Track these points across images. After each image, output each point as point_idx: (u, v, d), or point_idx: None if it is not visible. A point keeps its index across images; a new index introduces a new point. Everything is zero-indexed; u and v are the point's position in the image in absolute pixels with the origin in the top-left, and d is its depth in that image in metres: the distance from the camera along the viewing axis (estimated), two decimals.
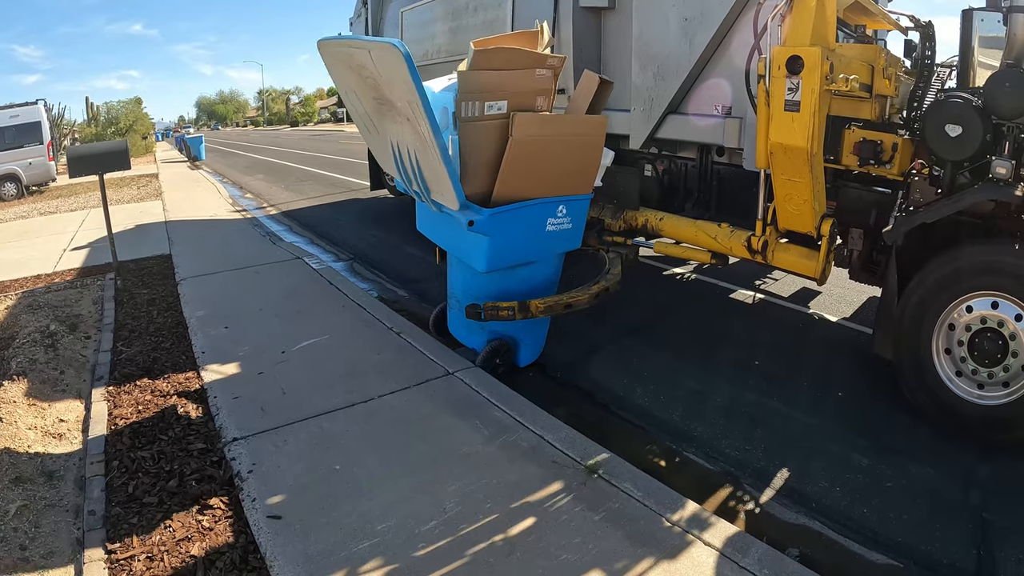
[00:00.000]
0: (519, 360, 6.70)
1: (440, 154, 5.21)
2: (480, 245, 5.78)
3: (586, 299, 6.33)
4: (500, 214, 5.69)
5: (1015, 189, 5.35)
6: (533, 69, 5.91)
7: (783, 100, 5.64)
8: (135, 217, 15.57)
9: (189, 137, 39.42)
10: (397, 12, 13.01)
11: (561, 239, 6.35)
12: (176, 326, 7.65)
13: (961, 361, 5.53)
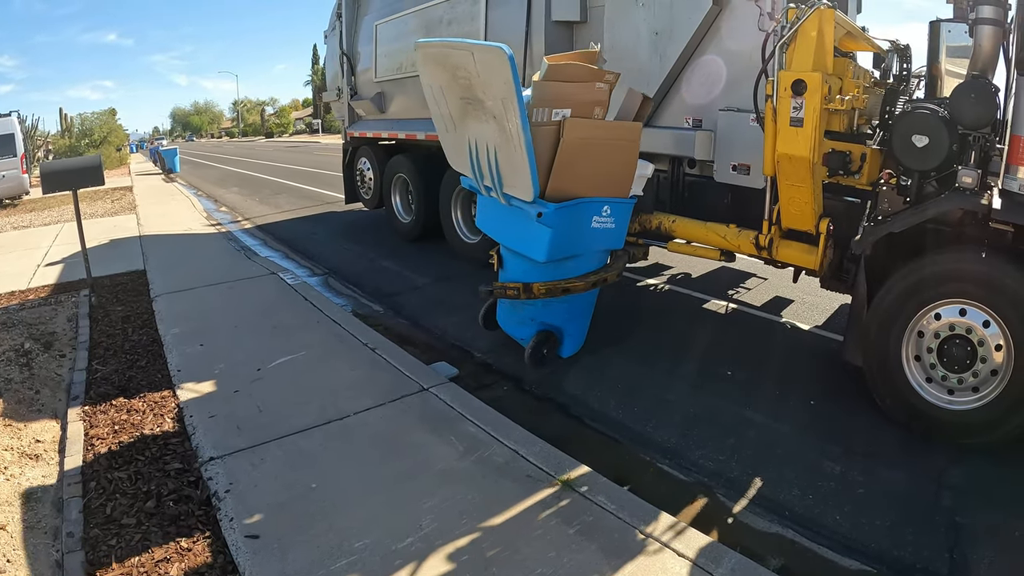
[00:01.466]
0: (563, 351, 7.20)
1: (526, 149, 5.85)
2: (543, 237, 6.29)
3: (583, 285, 6.68)
4: (562, 208, 6.23)
5: (981, 198, 5.45)
6: (593, 82, 6.53)
7: (789, 117, 5.99)
8: (109, 232, 15.46)
9: (163, 149, 39.19)
10: (371, 25, 13.06)
11: (604, 236, 6.79)
12: (151, 343, 7.59)
13: (931, 368, 5.62)
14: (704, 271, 10.60)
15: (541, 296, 6.60)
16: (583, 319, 7.33)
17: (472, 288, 9.40)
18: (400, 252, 12.30)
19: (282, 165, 36.20)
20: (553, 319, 7.02)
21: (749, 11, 6.99)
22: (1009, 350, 5.24)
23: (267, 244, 13.68)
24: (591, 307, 7.40)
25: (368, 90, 13.57)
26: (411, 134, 12.04)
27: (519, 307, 7.09)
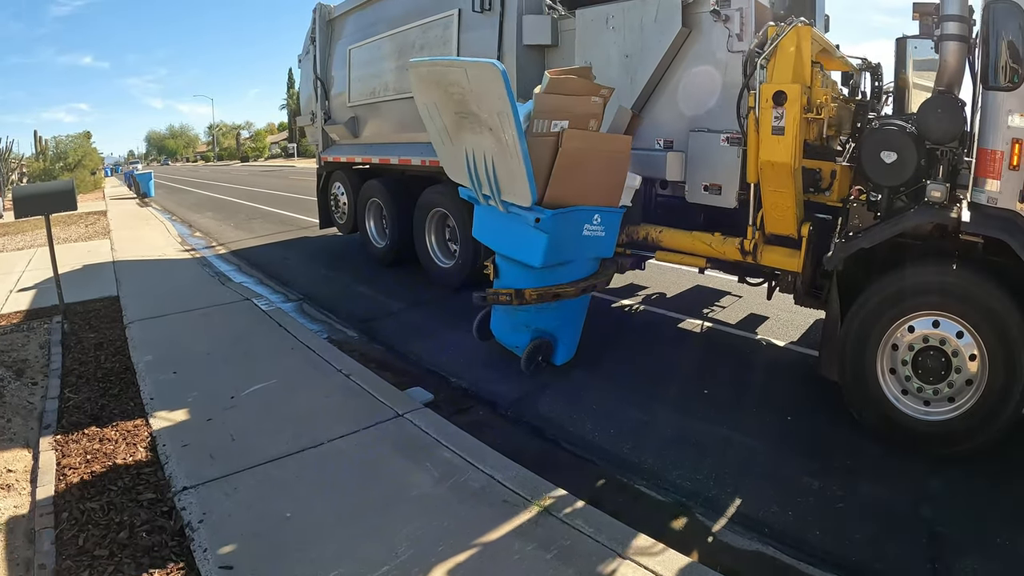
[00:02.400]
0: (556, 358, 7.43)
1: (522, 157, 6.20)
2: (539, 242, 6.62)
3: (573, 291, 6.94)
4: (558, 215, 6.56)
5: (950, 211, 5.55)
6: (590, 96, 6.96)
7: (771, 126, 6.23)
8: (83, 257, 15.28)
9: (138, 173, 39.00)
10: (345, 50, 13.13)
11: (595, 244, 7.09)
12: (124, 371, 7.51)
13: (906, 380, 5.71)
14: (679, 290, 10.67)
15: (533, 302, 6.79)
16: (575, 325, 7.52)
17: (447, 313, 9.43)
18: (375, 277, 12.30)
19: (257, 190, 36.10)
20: (546, 324, 7.24)
21: (718, 33, 7.11)
22: (983, 359, 5.34)
23: (241, 270, 13.61)
24: (583, 314, 7.58)
25: (342, 114, 13.61)
26: (385, 159, 12.07)
27: (513, 314, 7.24)
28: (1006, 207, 5.28)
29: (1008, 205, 5.26)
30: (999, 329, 5.26)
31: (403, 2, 11.37)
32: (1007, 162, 5.24)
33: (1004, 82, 5.28)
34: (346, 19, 13.51)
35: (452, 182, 9.72)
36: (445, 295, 10.67)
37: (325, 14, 14.06)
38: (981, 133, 5.42)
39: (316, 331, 8.97)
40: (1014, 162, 5.21)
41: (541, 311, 7.09)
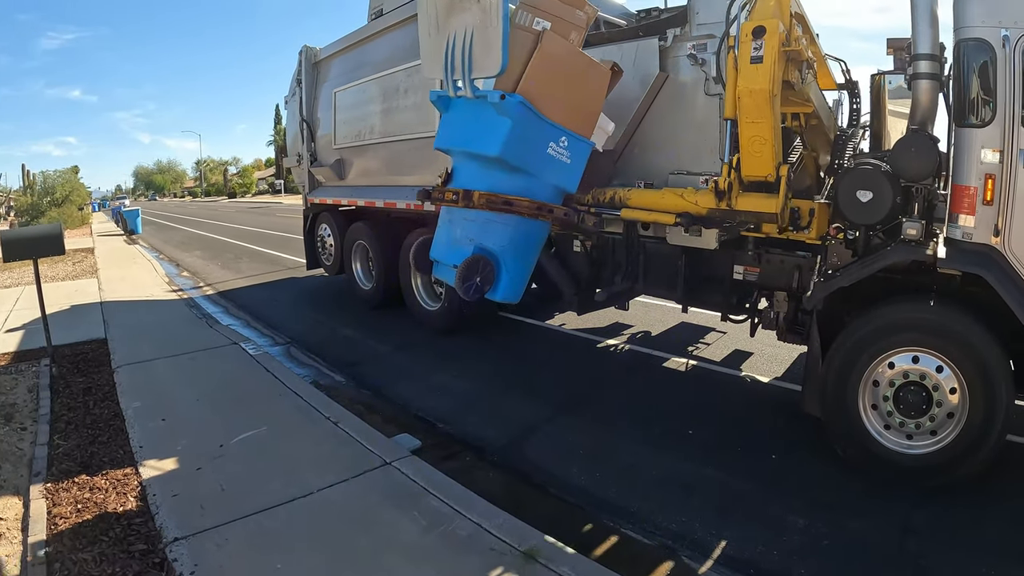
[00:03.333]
0: (497, 290, 6.96)
1: (502, 20, 6.16)
2: (501, 128, 6.49)
3: (527, 205, 6.80)
4: (524, 105, 6.47)
5: (926, 248, 5.69)
6: (575, 9, 7.02)
7: (749, 57, 6.17)
8: (70, 296, 15.27)
9: (126, 210, 38.82)
10: (330, 92, 13.24)
11: (558, 169, 6.90)
12: (113, 418, 7.51)
13: (888, 415, 5.83)
14: (664, 328, 10.77)
15: (481, 207, 6.63)
16: (523, 261, 7.24)
17: (433, 355, 9.49)
18: (362, 319, 12.33)
19: (244, 228, 36.04)
20: (492, 244, 6.90)
21: (695, 76, 7.25)
22: (963, 392, 5.47)
23: (229, 312, 13.60)
24: (533, 253, 7.38)
25: (328, 156, 13.70)
26: (370, 201, 12.14)
27: (457, 225, 7.05)
28: (981, 242, 5.43)
29: (983, 240, 5.41)
30: (978, 362, 5.40)
31: (388, 46, 11.50)
32: (981, 197, 5.39)
33: (976, 119, 5.45)
34: (331, 62, 13.65)
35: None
36: (432, 337, 10.73)
37: (311, 56, 14.18)
38: (955, 170, 5.59)
39: (304, 376, 9.00)
40: (988, 197, 5.36)
41: (488, 227, 6.88)
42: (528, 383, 8.50)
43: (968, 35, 5.46)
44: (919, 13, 6.20)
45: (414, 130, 10.63)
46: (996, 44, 5.30)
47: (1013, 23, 5.26)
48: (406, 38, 10.82)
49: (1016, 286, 5.26)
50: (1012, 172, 5.27)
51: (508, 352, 9.89)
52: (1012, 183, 5.28)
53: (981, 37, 5.38)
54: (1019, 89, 5.25)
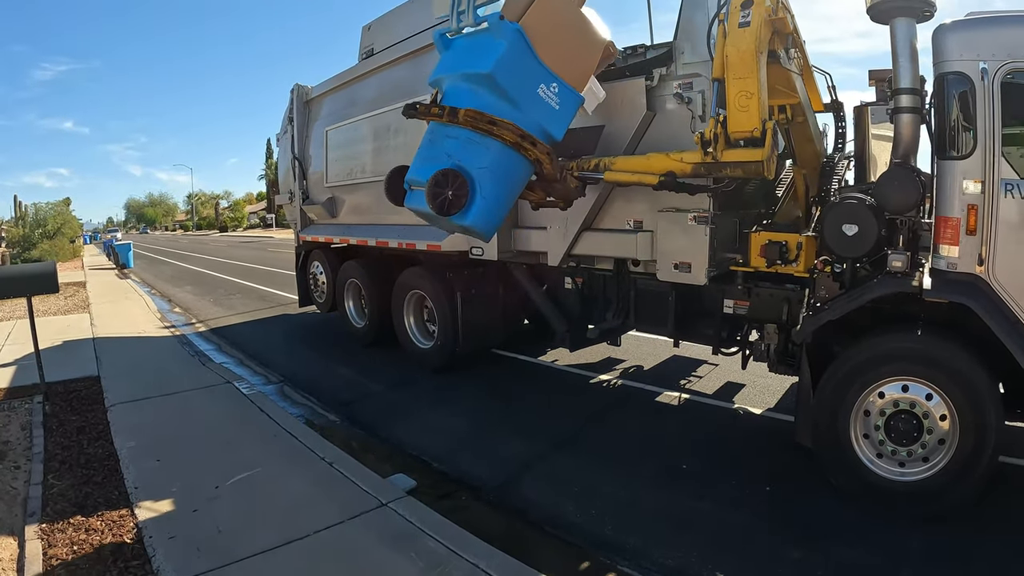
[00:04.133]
0: (468, 213, 6.58)
1: None
2: (496, 49, 6.49)
3: (511, 129, 6.59)
4: (520, 34, 6.51)
5: (912, 279, 5.81)
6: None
7: (737, 23, 6.22)
8: (62, 331, 15.22)
9: (118, 244, 38.58)
10: (322, 131, 13.38)
11: (546, 112, 6.80)
12: (107, 458, 7.49)
13: (880, 444, 5.92)
14: (656, 362, 10.84)
15: (466, 123, 6.51)
16: (499, 191, 6.94)
17: (427, 394, 9.52)
18: (355, 357, 12.34)
19: (236, 263, 35.97)
20: (470, 164, 6.62)
21: (682, 115, 7.37)
22: (953, 418, 5.58)
23: (222, 349, 13.61)
24: (510, 188, 7.13)
25: (320, 194, 13.81)
26: (362, 240, 12.23)
27: (437, 144, 6.86)
28: (966, 271, 5.57)
29: (968, 269, 5.56)
30: (966, 388, 5.52)
31: (378, 85, 11.68)
32: (964, 228, 5.53)
33: (957, 151, 5.61)
34: (323, 100, 13.81)
35: (430, 264, 9.96)
36: (425, 376, 10.74)
37: (302, 95, 14.35)
38: (938, 201, 5.74)
39: (298, 415, 9.00)
40: (971, 227, 5.50)
41: (469, 147, 6.62)
42: (522, 420, 8.55)
43: (947, 68, 5.65)
44: (899, 48, 6.38)
45: None
46: (975, 77, 5.48)
47: (991, 55, 5.44)
48: (397, 77, 10.99)
49: (1001, 313, 5.40)
50: (994, 202, 5.43)
51: (502, 389, 9.92)
52: (994, 212, 5.43)
53: (960, 70, 5.57)
54: (999, 120, 5.42)
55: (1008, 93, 5.43)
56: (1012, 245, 5.43)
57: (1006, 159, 5.44)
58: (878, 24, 6.59)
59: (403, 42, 10.87)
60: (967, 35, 5.64)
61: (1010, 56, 5.41)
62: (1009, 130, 5.47)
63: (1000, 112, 5.43)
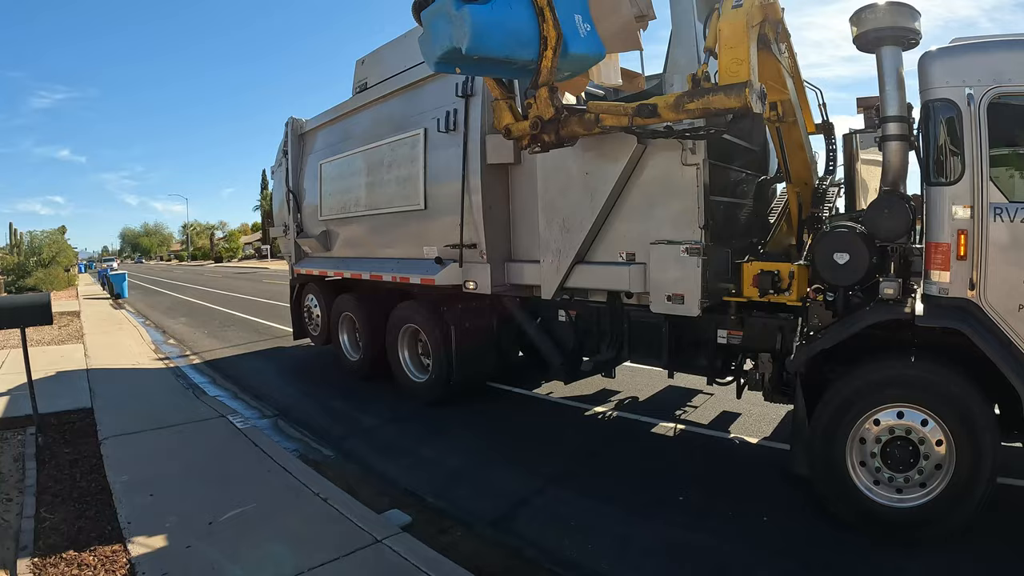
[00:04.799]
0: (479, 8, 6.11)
1: None
2: None
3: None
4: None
5: (904, 305, 5.88)
6: None
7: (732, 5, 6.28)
8: (56, 362, 15.16)
9: (113, 273, 38.42)
10: (316, 164, 13.48)
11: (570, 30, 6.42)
12: (100, 491, 7.45)
13: (877, 471, 5.94)
14: (651, 392, 10.87)
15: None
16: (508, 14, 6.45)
17: (422, 428, 9.52)
18: (349, 391, 12.29)
19: (230, 294, 35.94)
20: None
21: (672, 148, 7.42)
22: (950, 443, 5.61)
23: (216, 382, 13.55)
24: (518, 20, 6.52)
25: (314, 228, 13.87)
26: (356, 273, 12.29)
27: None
28: (958, 296, 5.62)
29: (959, 294, 5.61)
30: (961, 413, 5.55)
31: (371, 119, 11.78)
32: (954, 253, 5.60)
33: (945, 177, 5.69)
34: (317, 134, 13.92)
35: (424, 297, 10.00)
36: (419, 410, 10.71)
37: (297, 128, 14.45)
38: (928, 227, 5.81)
39: (292, 450, 8.94)
40: (961, 253, 5.56)
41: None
42: (517, 454, 8.52)
43: (934, 95, 5.75)
44: (886, 76, 6.51)
45: (399, 203, 10.85)
46: (961, 102, 5.58)
47: (976, 81, 5.54)
48: (391, 111, 11.09)
49: (995, 336, 5.45)
50: (983, 226, 5.50)
51: (497, 423, 9.91)
52: (984, 237, 5.50)
53: (947, 96, 5.67)
54: (986, 144, 5.52)
55: (994, 117, 5.54)
56: (1003, 268, 5.50)
57: (994, 183, 5.52)
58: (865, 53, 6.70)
59: (396, 76, 10.99)
60: (952, 62, 5.75)
61: (995, 80, 5.53)
62: (996, 154, 5.58)
63: (987, 136, 5.53)
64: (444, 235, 9.93)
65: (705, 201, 7.24)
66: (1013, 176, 5.66)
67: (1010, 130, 5.61)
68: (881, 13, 6.50)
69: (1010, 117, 5.56)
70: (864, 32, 6.61)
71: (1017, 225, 5.43)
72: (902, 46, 6.60)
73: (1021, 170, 5.68)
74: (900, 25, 6.49)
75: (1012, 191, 5.53)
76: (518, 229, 9.51)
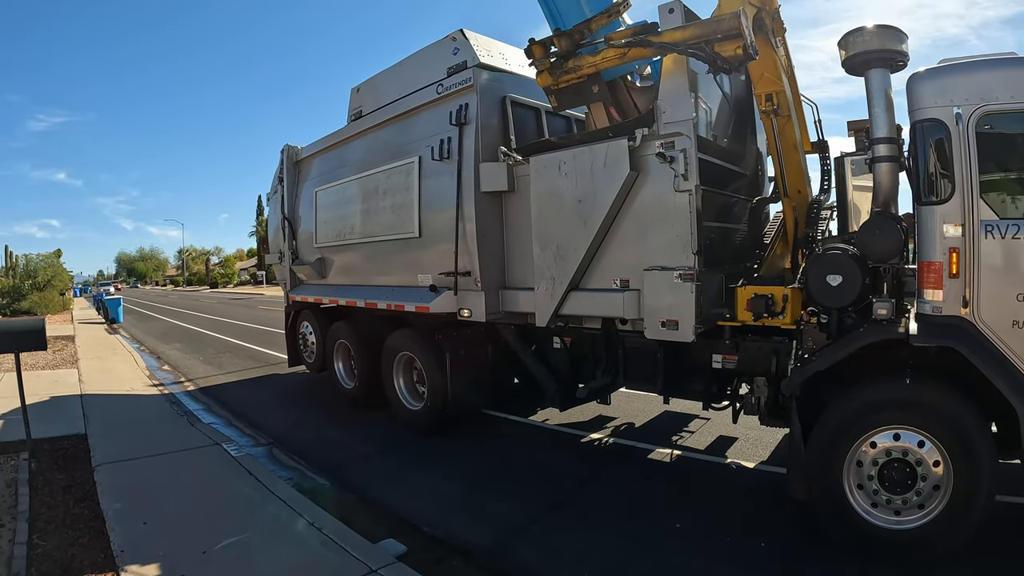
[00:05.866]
0: None
1: None
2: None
3: None
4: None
5: (898, 326, 5.90)
6: None
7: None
8: (50, 387, 15.12)
9: (108, 298, 38.26)
10: (312, 192, 13.53)
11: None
12: (93, 518, 7.41)
13: (875, 493, 5.94)
14: (647, 418, 10.87)
15: None
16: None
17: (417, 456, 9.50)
18: (344, 419, 12.24)
19: (226, 320, 35.88)
20: None
21: (665, 174, 7.48)
22: (947, 463, 5.61)
23: (210, 409, 13.48)
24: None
25: (309, 255, 13.90)
26: (351, 301, 12.30)
27: None
28: (951, 314, 5.65)
29: (953, 312, 5.64)
30: (958, 433, 5.57)
31: (366, 147, 11.86)
32: (947, 271, 5.63)
33: (935, 196, 5.75)
34: (312, 161, 13.99)
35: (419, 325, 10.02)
36: (416, 437, 10.68)
37: (292, 155, 14.53)
38: (920, 247, 5.84)
39: (287, 478, 8.89)
40: (953, 271, 5.60)
41: None
42: (514, 482, 8.49)
43: (923, 116, 5.82)
44: (875, 98, 6.60)
45: (394, 231, 10.88)
46: (950, 122, 5.64)
47: (964, 100, 5.61)
48: (385, 139, 11.17)
49: (990, 354, 5.47)
50: (975, 244, 5.53)
51: (493, 451, 9.88)
52: (976, 254, 5.53)
53: (935, 117, 5.73)
54: (975, 163, 5.57)
55: (983, 135, 5.60)
56: (995, 285, 5.53)
57: (984, 201, 5.57)
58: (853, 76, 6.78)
59: (391, 104, 11.07)
60: (940, 82, 5.81)
61: (982, 99, 5.59)
62: (986, 172, 5.63)
63: (976, 155, 5.59)
64: (439, 263, 9.93)
65: (698, 227, 7.26)
66: (1003, 193, 5.70)
67: (999, 147, 5.68)
68: (869, 36, 6.61)
69: (998, 134, 5.64)
70: (852, 55, 6.72)
71: (1009, 241, 5.47)
72: (890, 68, 6.70)
73: (1011, 187, 5.74)
74: (888, 48, 6.60)
75: (1003, 208, 5.58)
76: (512, 256, 9.54)
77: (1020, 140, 5.68)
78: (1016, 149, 5.74)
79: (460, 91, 9.52)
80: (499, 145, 9.35)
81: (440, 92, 9.85)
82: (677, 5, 7.34)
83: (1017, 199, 5.64)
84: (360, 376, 12.60)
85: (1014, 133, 5.66)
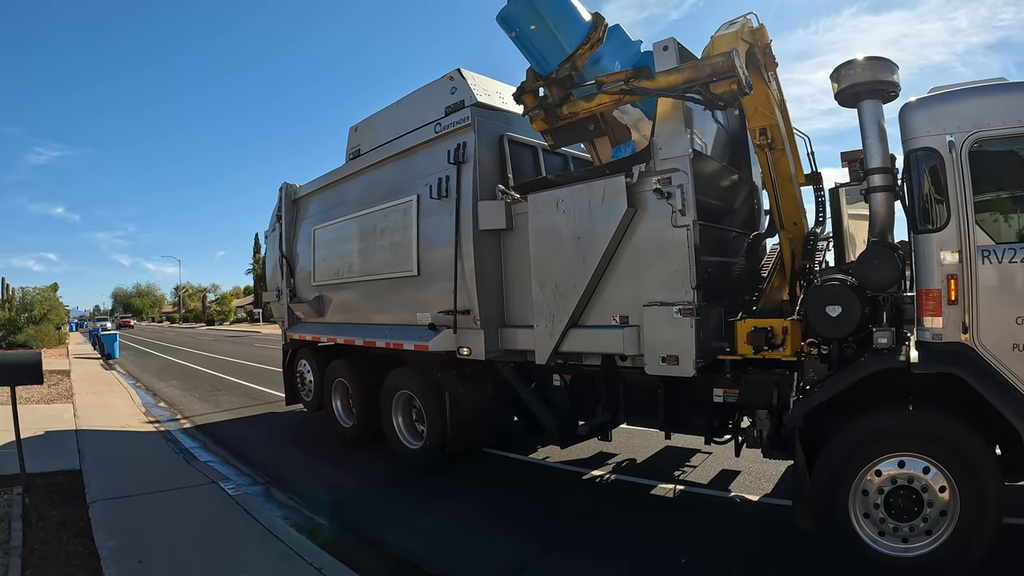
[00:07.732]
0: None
1: None
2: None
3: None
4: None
5: (899, 354, 5.92)
6: None
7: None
8: (45, 421, 15.07)
9: (104, 334, 38.22)
10: (310, 230, 13.58)
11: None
12: (88, 556, 7.32)
13: (881, 522, 5.91)
14: (648, 454, 10.83)
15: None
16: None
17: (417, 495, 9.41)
18: (342, 457, 12.16)
19: (222, 358, 35.78)
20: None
21: (663, 210, 7.53)
22: (953, 489, 5.59)
23: (207, 447, 13.36)
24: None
25: (307, 293, 13.91)
26: (350, 339, 12.27)
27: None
28: (952, 340, 5.66)
29: (953, 338, 5.66)
30: (963, 458, 5.55)
31: (364, 186, 11.93)
32: (945, 298, 5.66)
33: (932, 224, 5.79)
34: (310, 199, 14.05)
35: (417, 364, 9.97)
36: (415, 476, 10.59)
37: (291, 193, 14.61)
38: (917, 274, 5.89)
39: (284, 518, 8.80)
40: (952, 297, 5.63)
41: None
42: (514, 520, 8.42)
43: (916, 145, 5.89)
44: (868, 129, 6.73)
45: (392, 269, 10.90)
46: (943, 150, 5.71)
47: (956, 128, 5.69)
48: (383, 178, 11.24)
49: (991, 378, 5.48)
50: (972, 269, 5.58)
51: (493, 488, 9.81)
52: (974, 280, 5.57)
53: (928, 145, 5.81)
54: (969, 189, 5.63)
55: (976, 162, 5.67)
56: (994, 310, 5.56)
57: (980, 226, 5.62)
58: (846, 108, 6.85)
59: (389, 143, 11.15)
60: (932, 111, 5.90)
61: (974, 126, 5.67)
62: (980, 197, 5.69)
63: (970, 181, 5.66)
64: (437, 301, 9.93)
65: (697, 261, 7.29)
66: (998, 218, 5.76)
67: (992, 172, 5.75)
68: (860, 69, 6.75)
69: (991, 160, 5.71)
70: (845, 88, 6.86)
71: (1005, 266, 5.52)
72: (882, 99, 6.84)
73: (1006, 212, 5.79)
74: (879, 79, 6.75)
75: (998, 233, 5.64)
76: (511, 294, 9.55)
77: (1013, 164, 5.73)
78: (1009, 173, 5.80)
79: (458, 130, 9.59)
80: (497, 183, 9.42)
81: (438, 131, 9.92)
82: (671, 43, 7.46)
83: (1012, 223, 5.71)
84: (358, 414, 12.51)
85: (1007, 158, 5.72)
